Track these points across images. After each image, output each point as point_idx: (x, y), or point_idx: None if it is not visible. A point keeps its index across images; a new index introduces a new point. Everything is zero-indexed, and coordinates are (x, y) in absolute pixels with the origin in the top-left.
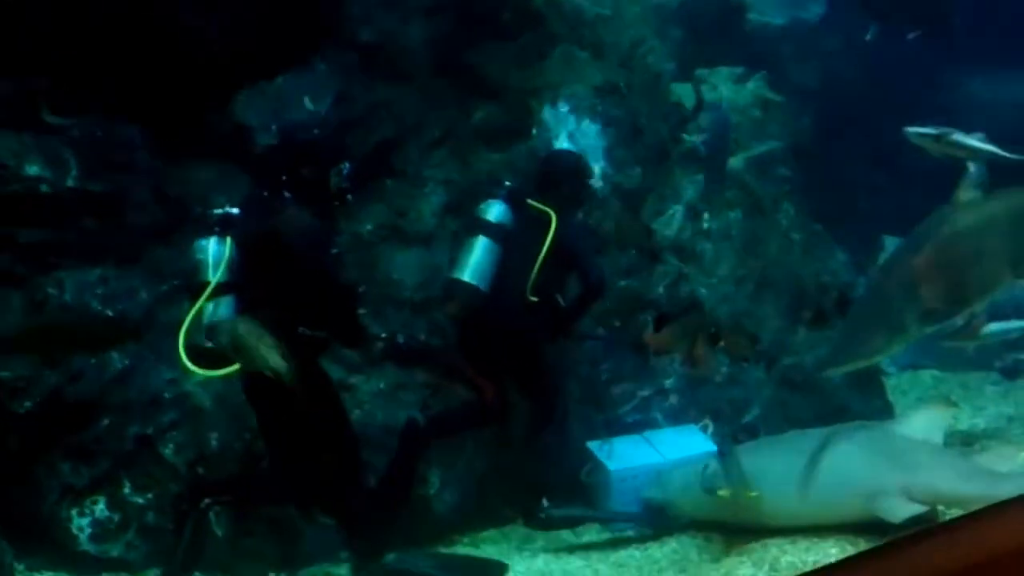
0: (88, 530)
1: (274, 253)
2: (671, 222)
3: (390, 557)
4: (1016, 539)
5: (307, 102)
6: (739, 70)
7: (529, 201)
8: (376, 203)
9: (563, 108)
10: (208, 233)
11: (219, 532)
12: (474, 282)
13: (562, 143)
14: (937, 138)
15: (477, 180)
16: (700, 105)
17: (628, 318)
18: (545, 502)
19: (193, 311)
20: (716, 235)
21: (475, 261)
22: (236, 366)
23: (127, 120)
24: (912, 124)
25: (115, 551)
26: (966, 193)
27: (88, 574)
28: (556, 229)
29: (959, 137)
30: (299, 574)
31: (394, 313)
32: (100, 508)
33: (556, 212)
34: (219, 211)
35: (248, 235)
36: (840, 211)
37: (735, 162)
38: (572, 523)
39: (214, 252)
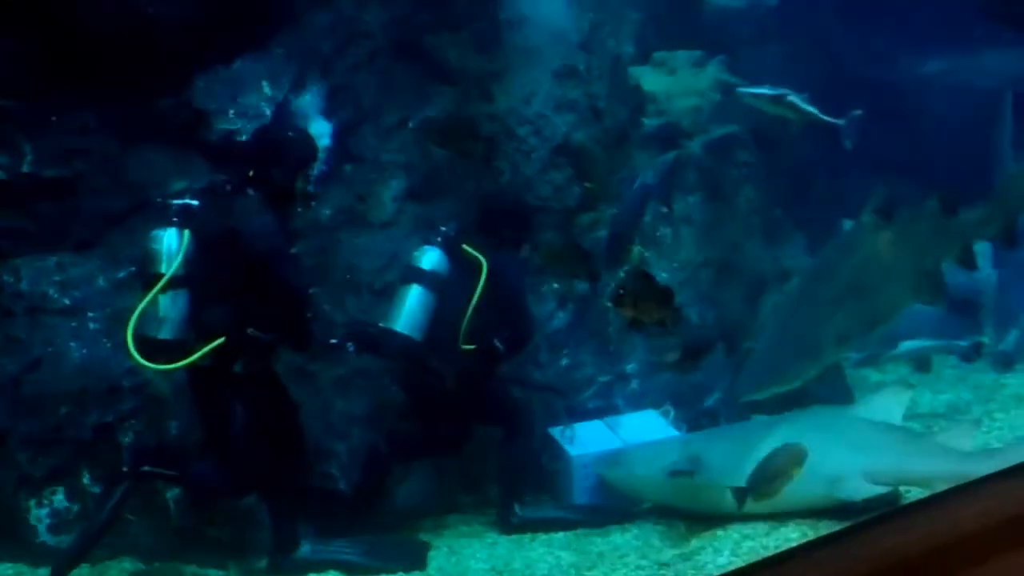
0: (46, 521)
1: (231, 251)
2: None
3: (305, 549)
4: (979, 520)
5: (265, 87)
6: (698, 53)
7: (464, 247)
8: (335, 188)
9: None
10: (166, 224)
11: (179, 520)
12: (405, 332)
13: None
14: (773, 99)
15: (415, 226)
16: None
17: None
18: (517, 508)
19: (144, 302)
20: (677, 219)
21: (408, 311)
22: (186, 360)
23: (83, 105)
24: (862, 106)
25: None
26: (869, 216)
27: (47, 566)
28: (487, 276)
29: (794, 99)
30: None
31: (352, 298)
32: (59, 498)
33: (492, 254)
34: (178, 202)
35: (207, 230)
36: (800, 195)
37: (694, 145)
38: (544, 526)
39: (170, 243)
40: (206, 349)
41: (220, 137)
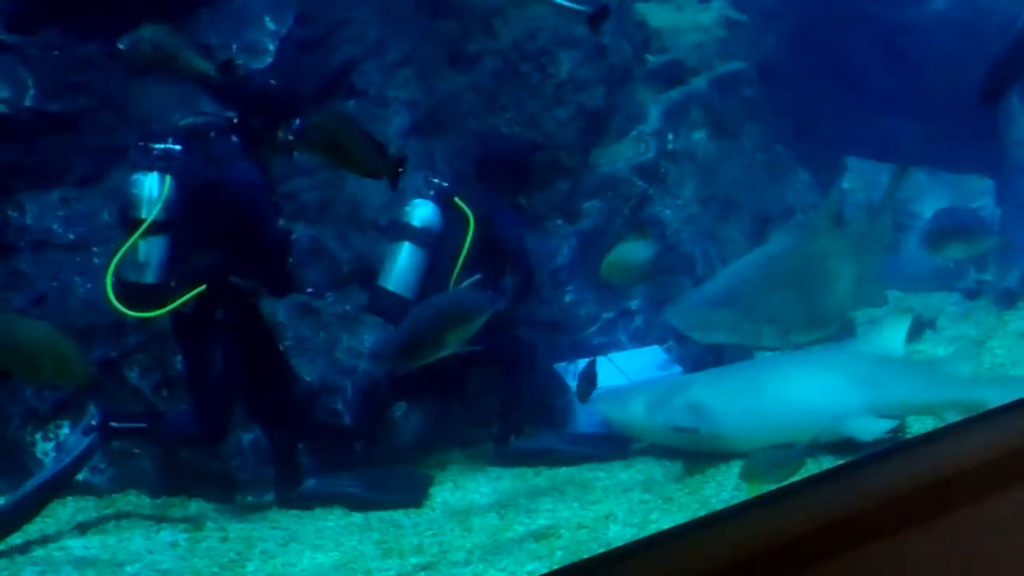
0: (53, 454)
1: (212, 198)
2: (635, 143)
3: (310, 483)
4: (983, 454)
5: (268, 22)
6: None
7: (456, 200)
8: None
9: None
10: (147, 168)
11: (186, 454)
12: (398, 291)
13: None
14: None
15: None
16: None
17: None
18: (513, 438)
19: (123, 248)
20: (680, 156)
21: (399, 269)
22: (167, 307)
23: (86, 39)
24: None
25: (81, 474)
26: (823, 221)
27: (54, 498)
28: (479, 228)
29: None
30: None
31: (358, 235)
32: (64, 432)
33: (485, 204)
34: (160, 146)
35: (188, 176)
36: (803, 132)
37: (699, 82)
38: (540, 456)
39: (151, 188)
40: (186, 297)
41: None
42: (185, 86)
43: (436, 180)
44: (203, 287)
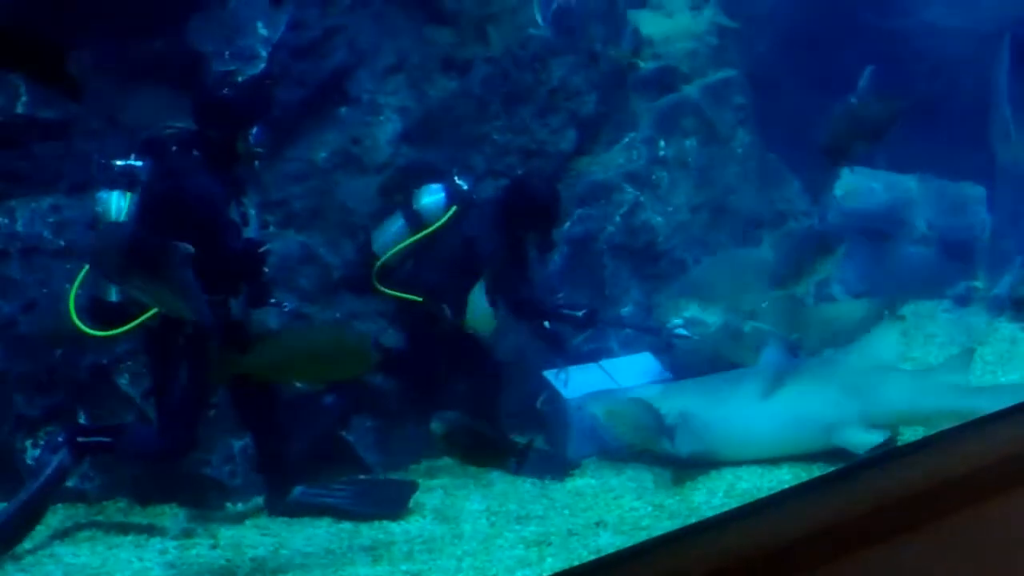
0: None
1: (171, 213)
2: (627, 150)
3: (297, 491)
4: (978, 460)
5: (260, 28)
6: None
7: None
8: (330, 130)
9: None
10: (111, 185)
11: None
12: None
13: None
14: None
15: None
16: None
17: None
18: None
19: (85, 268)
20: (672, 163)
21: (384, 236)
22: (130, 324)
23: (78, 45)
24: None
25: (71, 482)
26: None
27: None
28: (449, 235)
29: None
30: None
31: (348, 242)
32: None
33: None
34: (121, 163)
35: (149, 192)
36: (795, 139)
37: (691, 89)
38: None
39: (115, 206)
40: (145, 316)
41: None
42: (178, 93)
43: (459, 180)
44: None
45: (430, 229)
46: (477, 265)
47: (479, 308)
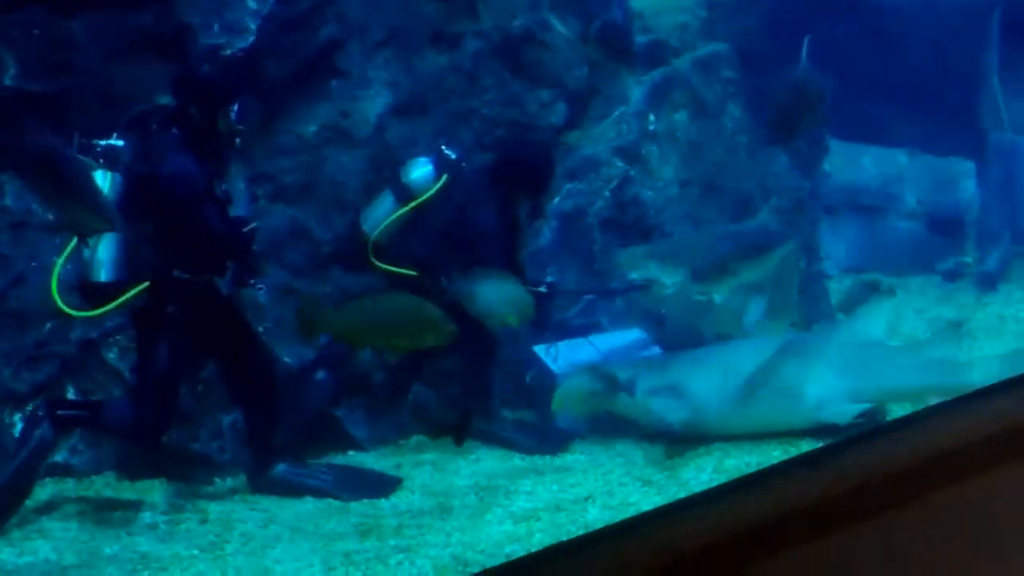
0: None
1: (153, 193)
2: (617, 124)
3: (280, 468)
4: (963, 436)
5: (249, 1)
6: None
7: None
8: (320, 104)
9: None
10: (92, 165)
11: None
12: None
13: None
14: None
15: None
16: None
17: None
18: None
19: (70, 247)
20: (662, 137)
21: (374, 214)
22: (111, 304)
23: (67, 17)
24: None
25: (59, 456)
26: None
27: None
28: (445, 194)
29: None
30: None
31: (338, 216)
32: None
33: (485, 192)
34: (103, 143)
35: (130, 173)
36: None
37: (681, 63)
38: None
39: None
40: (128, 295)
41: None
42: (167, 66)
43: (447, 149)
44: (146, 284)
45: (422, 198)
46: (472, 234)
47: (510, 294)
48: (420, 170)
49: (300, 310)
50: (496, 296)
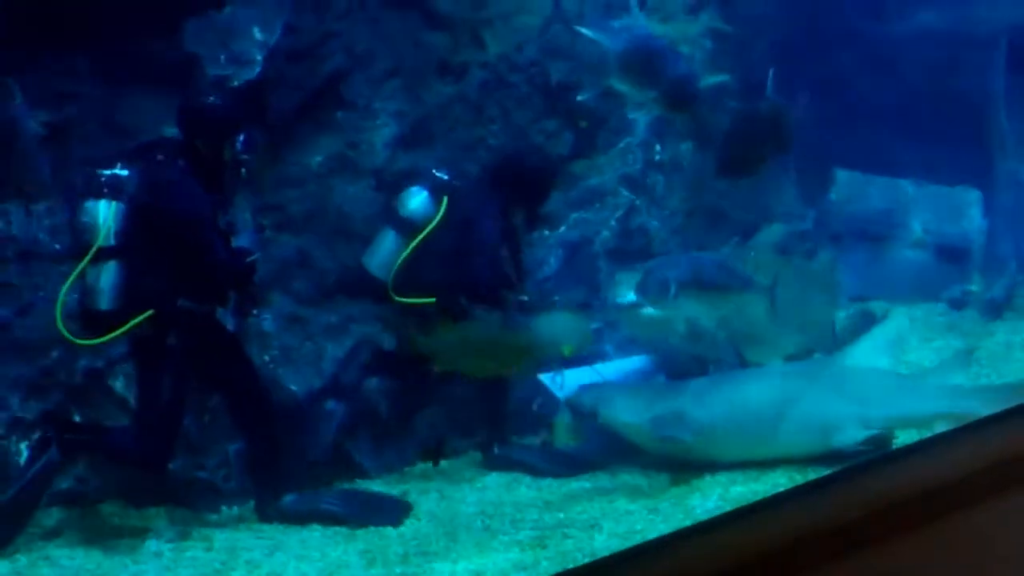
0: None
1: (156, 223)
2: (623, 154)
3: (288, 499)
4: (970, 464)
5: (256, 32)
6: (692, 0)
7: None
8: (326, 135)
9: None
10: (96, 195)
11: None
12: (375, 273)
13: None
14: None
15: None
16: None
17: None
18: (496, 448)
19: (73, 275)
20: (667, 167)
21: (380, 253)
22: (115, 332)
23: (73, 48)
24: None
25: (65, 484)
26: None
27: (39, 507)
28: (452, 220)
29: None
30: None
31: (344, 245)
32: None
33: (472, 200)
34: (108, 172)
35: (133, 201)
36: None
37: None
38: (523, 467)
39: (102, 215)
40: (130, 324)
41: (211, 83)
42: (173, 97)
43: (438, 173)
44: (149, 312)
45: (431, 226)
46: (476, 247)
47: (567, 322)
48: (416, 199)
49: (412, 335)
50: (557, 327)
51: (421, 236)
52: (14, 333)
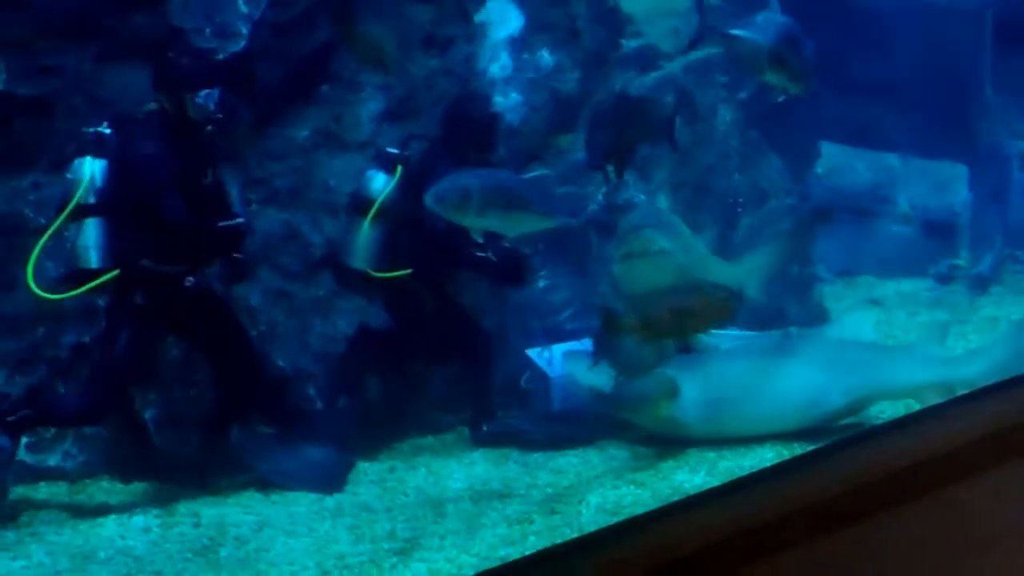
0: (24, 440)
1: (126, 181)
2: None
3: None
4: (959, 437)
5: (241, 5)
6: None
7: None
8: (312, 108)
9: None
10: (82, 152)
11: (158, 440)
12: (360, 267)
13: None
14: None
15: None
16: None
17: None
18: (484, 425)
19: (48, 232)
20: None
21: (358, 246)
22: (84, 287)
23: (57, 22)
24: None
25: (52, 460)
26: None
27: (26, 483)
28: (400, 198)
29: None
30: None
31: (330, 219)
32: None
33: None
34: (92, 130)
35: (112, 159)
36: (776, 117)
37: (673, 67)
38: (513, 437)
39: (86, 172)
40: (95, 283)
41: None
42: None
43: (389, 149)
44: (115, 272)
45: (385, 191)
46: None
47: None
48: (375, 182)
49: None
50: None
51: (372, 211)
52: (1, 308)
